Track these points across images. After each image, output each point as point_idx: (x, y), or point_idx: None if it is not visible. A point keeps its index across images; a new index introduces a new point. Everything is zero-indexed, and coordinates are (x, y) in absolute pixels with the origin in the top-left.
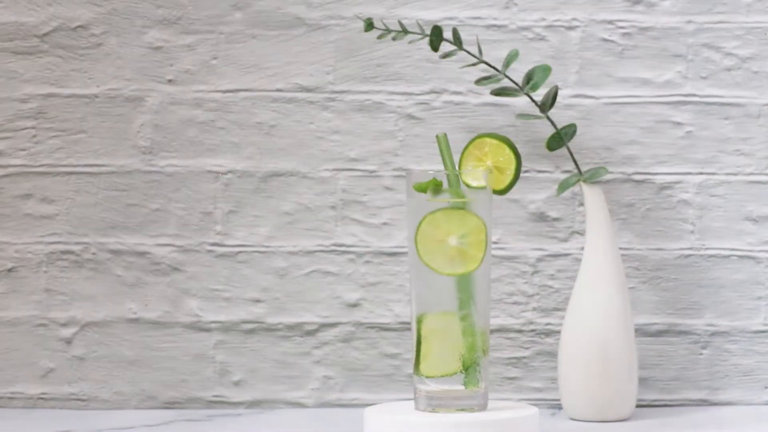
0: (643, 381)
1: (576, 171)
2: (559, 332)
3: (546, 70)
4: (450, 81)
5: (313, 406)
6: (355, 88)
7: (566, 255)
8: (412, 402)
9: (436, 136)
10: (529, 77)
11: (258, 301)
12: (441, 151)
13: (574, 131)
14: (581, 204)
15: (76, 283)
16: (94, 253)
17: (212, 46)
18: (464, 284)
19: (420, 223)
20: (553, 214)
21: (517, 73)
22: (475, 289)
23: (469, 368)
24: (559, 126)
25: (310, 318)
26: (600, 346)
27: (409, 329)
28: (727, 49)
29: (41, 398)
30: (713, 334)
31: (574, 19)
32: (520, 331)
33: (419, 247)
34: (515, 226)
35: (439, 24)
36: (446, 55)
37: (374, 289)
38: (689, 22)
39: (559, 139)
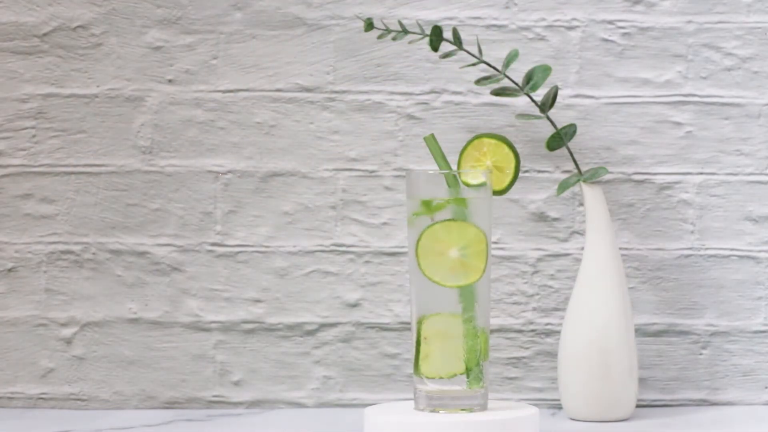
0: (643, 381)
1: (576, 171)
2: (559, 332)
3: (546, 70)
4: (450, 81)
5: (313, 406)
6: (355, 88)
7: (566, 255)
8: (412, 402)
9: (424, 138)
10: (529, 77)
11: (258, 301)
12: (432, 152)
13: (574, 131)
14: (581, 204)
15: (76, 283)
16: (94, 253)
17: (212, 46)
18: (466, 289)
19: (419, 237)
20: (553, 214)
21: (517, 73)
22: (477, 292)
23: (471, 370)
24: (559, 126)
25: (310, 318)
26: (600, 346)
27: (409, 329)
28: (727, 49)
29: (41, 398)
30: (713, 334)
31: (574, 19)
32: (520, 331)
33: (420, 261)
34: (515, 226)
35: (439, 24)
36: (446, 55)
37: (374, 289)
38: (689, 22)
39: (559, 139)
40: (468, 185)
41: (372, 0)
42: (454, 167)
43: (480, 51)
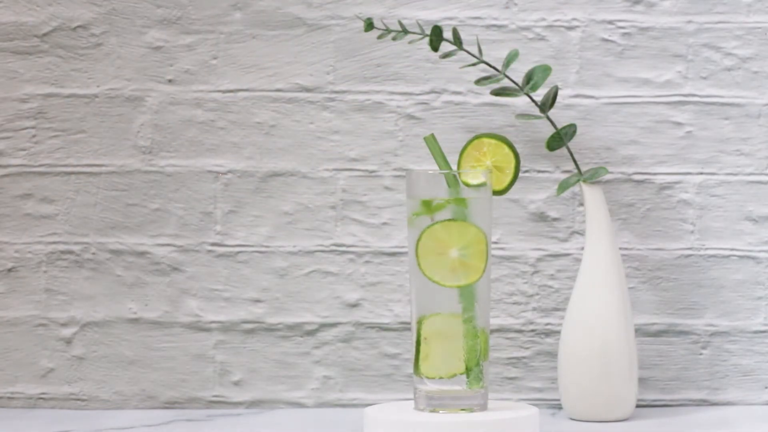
0: (643, 381)
1: (576, 171)
2: (559, 332)
3: (546, 70)
4: (450, 81)
5: (313, 406)
6: (355, 88)
7: (566, 255)
8: (412, 402)
9: (424, 138)
10: (529, 77)
11: (258, 301)
12: (432, 152)
13: (574, 131)
14: (581, 204)
15: (76, 283)
16: (94, 253)
17: (212, 46)
18: (466, 289)
19: (419, 237)
20: (553, 214)
21: (517, 73)
22: (477, 292)
23: (471, 370)
24: (559, 126)
25: (310, 318)
26: (600, 346)
27: (409, 329)
28: (727, 49)
29: (41, 398)
30: (713, 334)
31: (574, 19)
32: (520, 331)
33: (420, 260)
34: (515, 226)
35: (439, 24)
36: (446, 55)
37: (374, 289)
38: (689, 22)
39: (559, 139)
40: (468, 185)
41: (372, 0)
42: (454, 167)
43: (480, 51)
